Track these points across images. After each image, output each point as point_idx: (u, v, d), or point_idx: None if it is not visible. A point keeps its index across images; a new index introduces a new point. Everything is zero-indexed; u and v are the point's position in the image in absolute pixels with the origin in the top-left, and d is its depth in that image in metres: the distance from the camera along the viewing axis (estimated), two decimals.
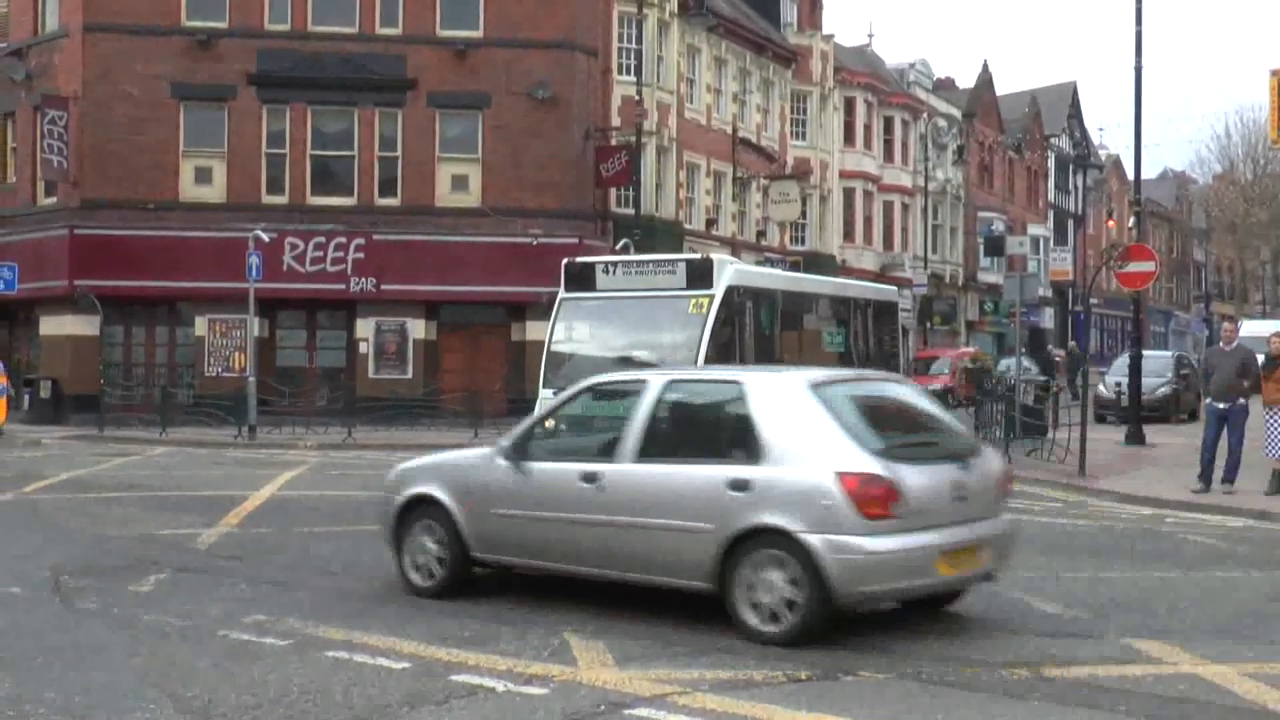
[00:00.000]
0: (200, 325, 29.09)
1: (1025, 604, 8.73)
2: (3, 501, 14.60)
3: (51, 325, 29.36)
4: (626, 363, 18.12)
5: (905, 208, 50.61)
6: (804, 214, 42.11)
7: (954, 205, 55.39)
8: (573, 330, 18.89)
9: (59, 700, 6.22)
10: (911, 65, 54.01)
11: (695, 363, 17.21)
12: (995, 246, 31.07)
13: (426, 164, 29.71)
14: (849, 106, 46.39)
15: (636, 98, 30.76)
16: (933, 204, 53.10)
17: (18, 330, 30.92)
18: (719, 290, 17.89)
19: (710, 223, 37.33)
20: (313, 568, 10.24)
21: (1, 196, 31.31)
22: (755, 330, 19.25)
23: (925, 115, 52.14)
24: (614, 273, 18.76)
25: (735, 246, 37.62)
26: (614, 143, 31.40)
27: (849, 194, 46.29)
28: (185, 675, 6.71)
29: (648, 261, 19.30)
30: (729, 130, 38.45)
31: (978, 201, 56.97)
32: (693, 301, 17.88)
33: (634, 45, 33.25)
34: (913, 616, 8.22)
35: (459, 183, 29.89)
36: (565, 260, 19.30)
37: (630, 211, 30.94)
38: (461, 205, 29.71)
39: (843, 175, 45.69)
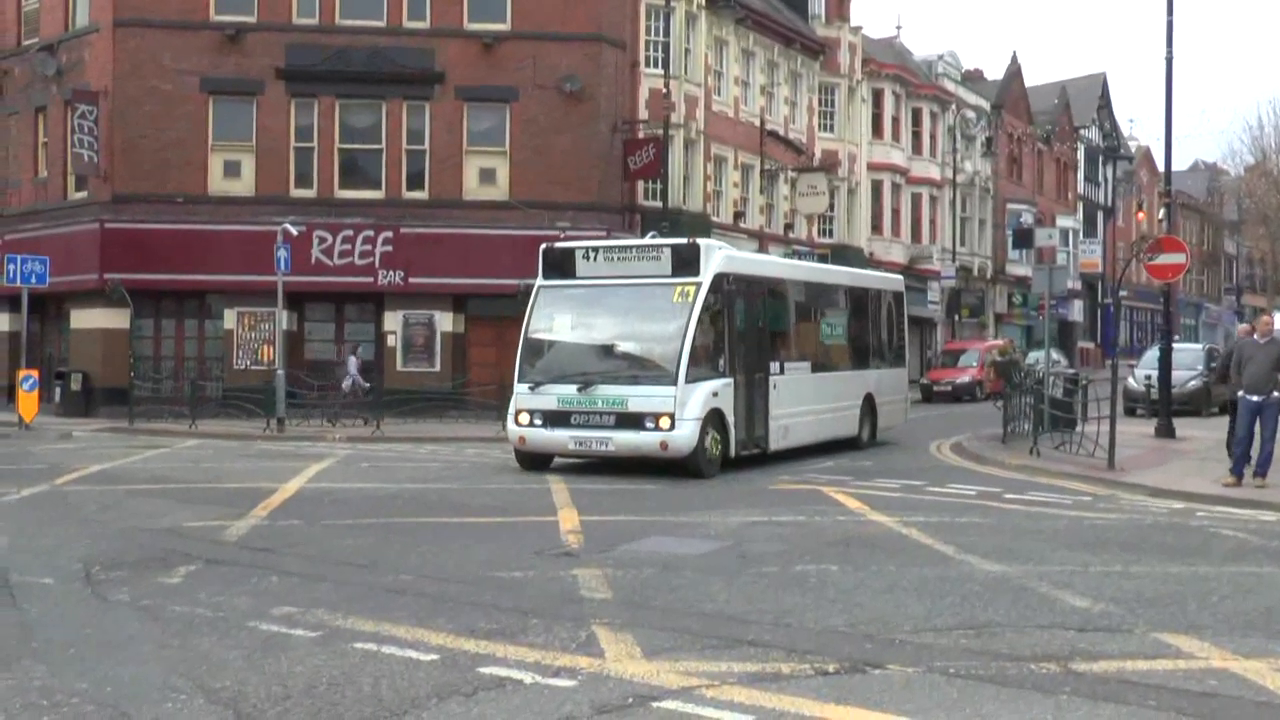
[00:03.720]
0: (229, 318, 29.27)
1: (1054, 598, 8.67)
2: (35, 493, 14.74)
3: (82, 318, 29.62)
4: (608, 354, 17.29)
5: (933, 200, 50.41)
6: (832, 206, 42.05)
7: (983, 197, 55.13)
8: (551, 321, 17.85)
9: (91, 690, 6.27)
10: (940, 57, 53.76)
11: (679, 355, 16.27)
12: (1024, 238, 30.79)
13: (454, 157, 29.78)
14: (877, 98, 46.21)
15: (664, 90, 30.69)
16: (961, 196, 52.87)
17: (49, 323, 31.19)
18: (706, 277, 16.85)
19: (738, 215, 37.27)
20: (341, 560, 10.28)
21: (33, 191, 31.58)
22: (747, 320, 18.15)
23: (954, 107, 51.91)
24: (595, 259, 17.58)
25: (763, 239, 37.59)
26: (641, 135, 31.39)
27: (877, 186, 46.15)
28: (215, 666, 6.74)
29: (631, 247, 18.17)
30: (757, 122, 38.37)
31: (1006, 193, 56.68)
32: (678, 289, 16.80)
33: (661, 38, 33.17)
34: (943, 611, 8.20)
35: (486, 176, 29.95)
36: (543, 246, 18.32)
37: (658, 204, 30.90)
38: (489, 198, 29.77)
39: (871, 167, 45.54)
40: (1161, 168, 25.24)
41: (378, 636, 7.35)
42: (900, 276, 27.25)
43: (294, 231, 26.16)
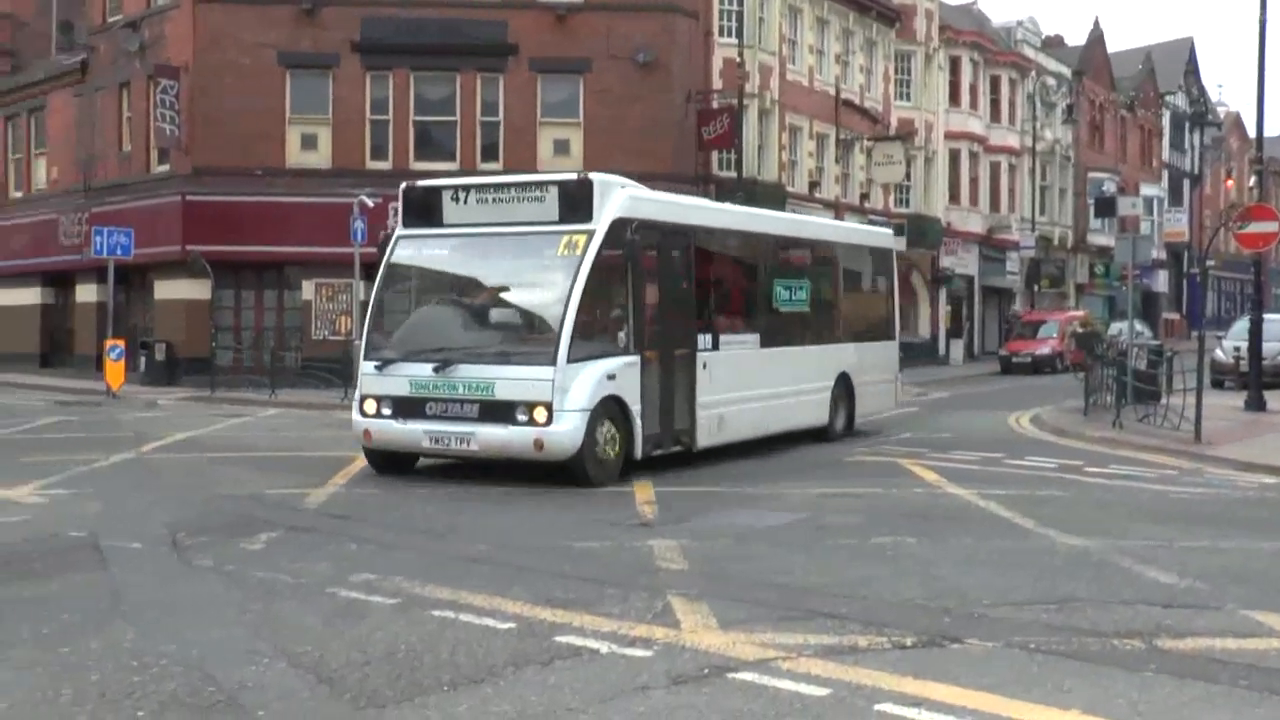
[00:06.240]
0: (307, 289, 29.62)
1: (1138, 573, 8.51)
2: (123, 460, 15.06)
3: (165, 289, 30.18)
4: (474, 325, 13.81)
5: (1012, 168, 49.59)
6: (908, 176, 41.54)
7: (1063, 165, 54.12)
8: (407, 280, 14.45)
9: (178, 653, 6.38)
10: (1019, 23, 52.77)
11: (560, 326, 12.65)
12: (1106, 207, 30.26)
13: (528, 129, 29.81)
14: (954, 66, 45.49)
15: (738, 60, 30.51)
16: (1041, 164, 51.95)
17: (134, 294, 31.81)
18: (601, 224, 13.07)
19: (813, 185, 36.97)
20: (418, 528, 10.38)
21: (118, 164, 32.17)
22: (664, 281, 14.17)
23: (1033, 74, 50.94)
24: (466, 200, 13.84)
25: (839, 209, 37.26)
26: (715, 105, 31.20)
27: (954, 155, 45.49)
28: (296, 631, 6.84)
29: (509, 185, 13.97)
30: (832, 91, 37.97)
31: (1088, 161, 55.60)
32: (564, 240, 13.09)
33: (735, 7, 32.93)
34: (1022, 585, 8.09)
35: (560, 147, 29.95)
36: (404, 185, 14.80)
37: (732, 174, 30.74)
38: (564, 169, 29.74)
39: (948, 136, 44.89)
40: (1252, 133, 24.57)
41: (455, 604, 7.41)
42: (890, 231, 23.93)
43: (370, 203, 26.33)
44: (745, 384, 15.54)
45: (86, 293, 33.08)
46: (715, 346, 14.97)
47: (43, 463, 14.45)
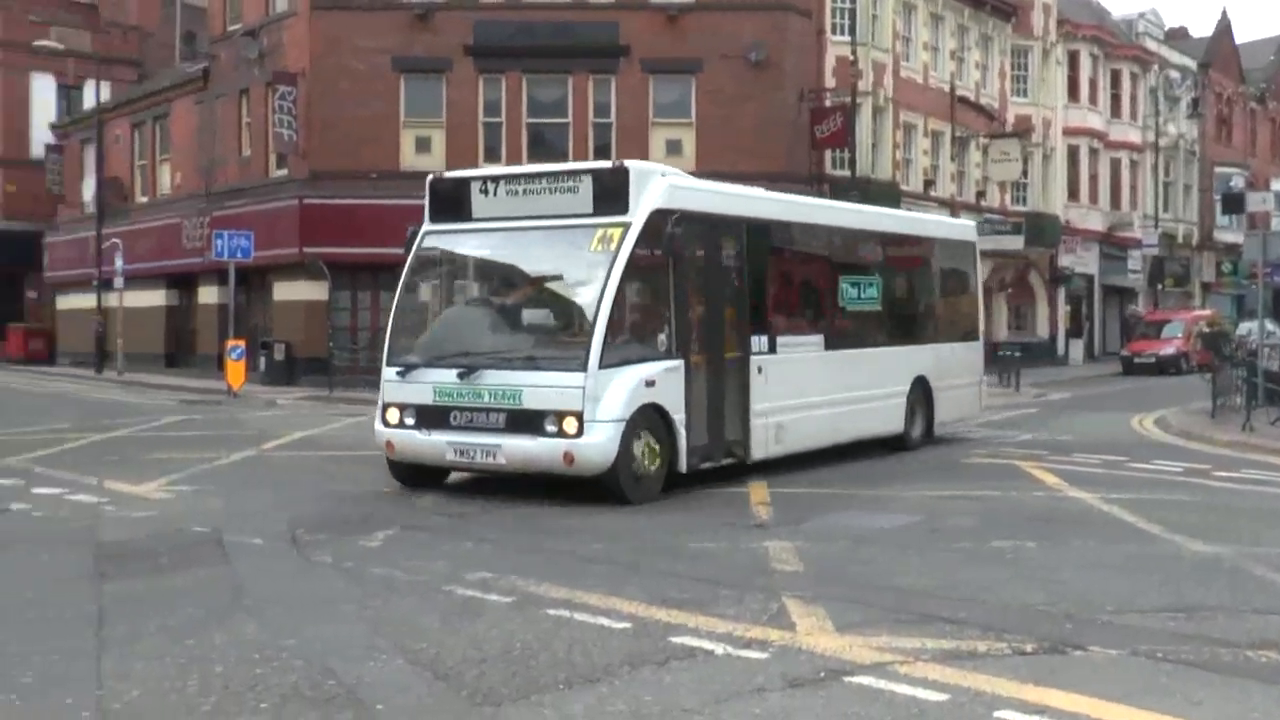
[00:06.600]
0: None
1: (1271, 581, 8.21)
2: (244, 458, 15.44)
3: (284, 290, 30.86)
4: (503, 328, 12.81)
5: (1134, 165, 48.34)
6: (1025, 173, 40.76)
7: (1188, 161, 52.59)
8: (433, 279, 13.72)
9: (298, 647, 6.50)
10: (1141, 15, 51.44)
11: (592, 329, 11.54)
12: (1234, 203, 29.25)
13: (640, 129, 29.85)
14: (1073, 60, 44.50)
15: (851, 58, 30.23)
16: (1164, 160, 50.55)
17: (254, 295, 32.58)
18: (638, 216, 11.94)
19: (928, 183, 36.45)
20: (533, 527, 10.44)
21: (238, 169, 33.01)
22: (711, 278, 13.00)
23: (1156, 67, 49.59)
24: (495, 192, 12.79)
25: (954, 207, 36.67)
26: (828, 104, 30.94)
27: (1073, 151, 44.51)
28: (413, 628, 6.92)
29: (540, 175, 12.78)
30: (946, 88, 37.41)
31: (1214, 156, 53.93)
32: (598, 234, 12.02)
33: (848, 4, 32.63)
34: (1148, 591, 7.84)
35: (673, 147, 29.92)
36: (431, 176, 13.68)
37: (846, 173, 30.47)
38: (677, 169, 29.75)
39: (1066, 132, 43.92)
40: None
41: (570, 603, 7.43)
42: (972, 223, 22.12)
43: None
44: (807, 390, 14.26)
45: (208, 294, 34.03)
46: (772, 349, 13.74)
47: (168, 460, 14.90)
